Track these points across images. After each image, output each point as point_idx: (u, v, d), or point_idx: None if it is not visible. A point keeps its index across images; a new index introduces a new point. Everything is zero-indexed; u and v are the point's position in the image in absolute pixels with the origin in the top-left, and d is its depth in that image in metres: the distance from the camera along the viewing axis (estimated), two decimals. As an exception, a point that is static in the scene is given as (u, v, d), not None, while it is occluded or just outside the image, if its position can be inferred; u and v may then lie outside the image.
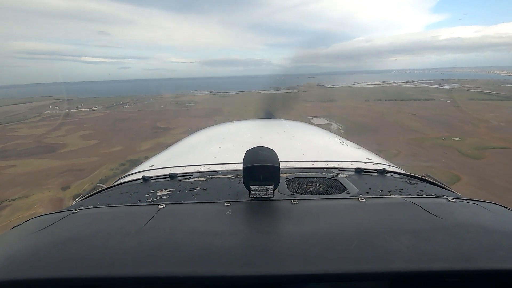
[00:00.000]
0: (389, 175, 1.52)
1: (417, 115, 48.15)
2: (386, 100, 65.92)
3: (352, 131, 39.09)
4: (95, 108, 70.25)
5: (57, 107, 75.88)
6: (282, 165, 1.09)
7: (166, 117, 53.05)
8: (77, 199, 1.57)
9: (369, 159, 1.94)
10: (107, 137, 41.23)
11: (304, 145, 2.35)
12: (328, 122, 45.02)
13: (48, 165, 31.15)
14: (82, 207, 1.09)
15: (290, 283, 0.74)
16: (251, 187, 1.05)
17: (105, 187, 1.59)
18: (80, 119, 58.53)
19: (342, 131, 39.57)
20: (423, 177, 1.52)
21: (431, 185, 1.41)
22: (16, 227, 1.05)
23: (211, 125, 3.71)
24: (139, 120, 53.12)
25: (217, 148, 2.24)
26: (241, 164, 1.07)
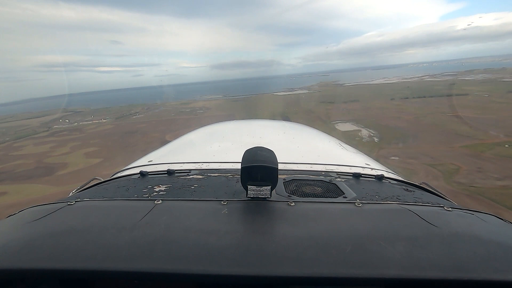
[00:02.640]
0: (387, 181, 1.49)
1: (458, 114, 41.27)
2: (414, 98, 58.78)
3: (388, 139, 32.93)
4: (104, 120, 66.71)
5: (67, 120, 73.22)
6: (280, 167, 1.08)
7: (176, 128, 48.35)
8: (73, 191, 1.51)
9: (367, 164, 1.90)
10: (111, 154, 36.80)
11: (303, 148, 2.33)
12: (357, 128, 38.91)
13: (42, 192, 26.82)
14: (79, 199, 1.08)
15: (283, 284, 0.72)
16: (249, 187, 1.04)
17: (102, 180, 1.56)
18: (87, 133, 54.76)
19: (375, 139, 33.47)
20: (421, 185, 1.50)
21: (428, 193, 1.39)
22: (11, 216, 1.03)
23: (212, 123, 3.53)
24: (148, 133, 48.68)
25: (216, 147, 2.23)
26: (240, 164, 1.05)
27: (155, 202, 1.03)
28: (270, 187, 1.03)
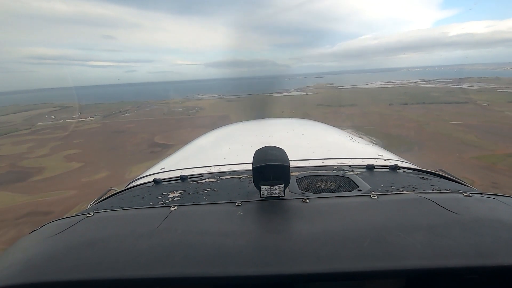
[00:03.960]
0: (402, 171, 1.47)
1: (461, 123, 39.51)
2: (413, 104, 57.11)
3: (392, 148, 30.83)
4: (91, 118, 62.79)
5: (53, 117, 69.02)
6: (292, 164, 1.07)
7: (167, 129, 45.33)
8: (91, 203, 1.54)
9: (380, 155, 1.86)
10: (94, 158, 33.63)
11: (314, 143, 2.30)
12: (358, 135, 36.78)
13: (11, 201, 23.62)
14: (97, 211, 1.10)
15: (302, 282, 0.73)
16: (261, 186, 1.03)
17: (118, 190, 1.57)
18: (71, 132, 51.17)
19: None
20: (437, 172, 1.46)
21: (446, 180, 1.35)
22: (34, 232, 1.05)
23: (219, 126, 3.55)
24: (136, 133, 45.40)
25: (226, 149, 2.22)
26: (251, 164, 1.05)
27: (171, 208, 1.03)
28: (283, 185, 1.02)
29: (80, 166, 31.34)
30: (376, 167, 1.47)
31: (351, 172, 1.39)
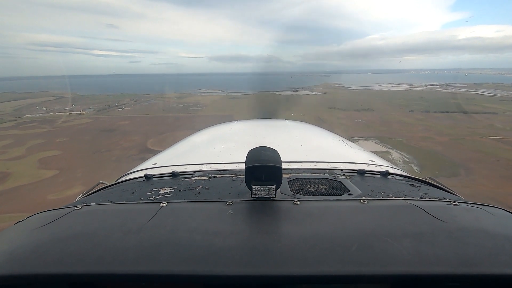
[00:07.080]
0: (392, 177, 1.46)
1: (501, 139, 33.67)
2: (435, 112, 51.12)
3: (430, 168, 25.00)
4: (84, 112, 56.91)
5: (44, 108, 63.22)
6: (284, 166, 1.07)
7: (164, 130, 39.51)
8: (80, 196, 1.50)
9: (372, 160, 1.86)
10: (72, 164, 28.02)
11: (307, 146, 2.29)
12: (384, 149, 30.71)
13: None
14: (85, 204, 1.08)
15: (290, 284, 0.72)
16: (253, 187, 1.03)
17: (108, 184, 1.53)
18: (58, 127, 45.37)
19: (414, 168, 25.51)
20: (427, 180, 1.46)
21: (435, 188, 1.36)
22: (19, 223, 1.02)
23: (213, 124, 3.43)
24: (128, 134, 39.62)
25: (219, 148, 2.20)
26: (244, 164, 1.04)
27: (161, 204, 1.02)
28: (274, 186, 1.02)
29: (52, 176, 25.66)
30: (367, 172, 1.45)
31: (343, 176, 1.37)
